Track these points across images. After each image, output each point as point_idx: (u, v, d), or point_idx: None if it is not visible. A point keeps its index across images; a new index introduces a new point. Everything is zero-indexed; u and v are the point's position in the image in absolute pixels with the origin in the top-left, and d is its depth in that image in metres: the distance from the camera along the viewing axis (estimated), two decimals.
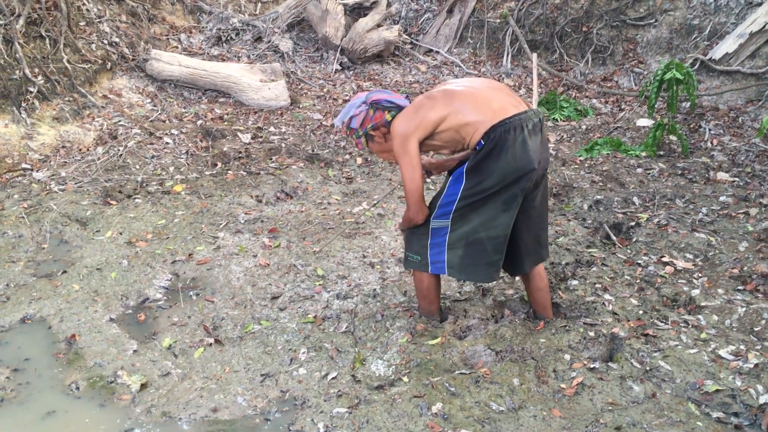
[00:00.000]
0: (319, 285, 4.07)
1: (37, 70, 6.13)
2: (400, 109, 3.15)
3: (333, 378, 3.24)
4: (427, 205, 3.22)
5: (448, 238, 3.17)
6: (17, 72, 5.92)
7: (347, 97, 7.47)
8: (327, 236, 4.65)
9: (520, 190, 3.02)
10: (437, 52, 8.71)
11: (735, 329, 3.49)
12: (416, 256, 3.31)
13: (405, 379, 3.19)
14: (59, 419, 3.02)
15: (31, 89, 5.97)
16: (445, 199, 3.15)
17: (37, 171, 5.39)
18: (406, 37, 8.80)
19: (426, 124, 3.01)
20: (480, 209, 3.08)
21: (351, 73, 8.22)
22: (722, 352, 3.29)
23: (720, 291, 3.84)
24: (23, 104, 5.87)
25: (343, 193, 5.42)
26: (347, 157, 6.10)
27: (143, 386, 3.20)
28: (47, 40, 6.33)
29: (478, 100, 3.02)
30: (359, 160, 6.02)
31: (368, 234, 4.68)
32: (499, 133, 2.93)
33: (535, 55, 5.35)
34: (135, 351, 3.47)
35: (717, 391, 3.03)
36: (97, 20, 7.06)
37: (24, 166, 5.43)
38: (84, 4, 7.02)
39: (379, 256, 4.39)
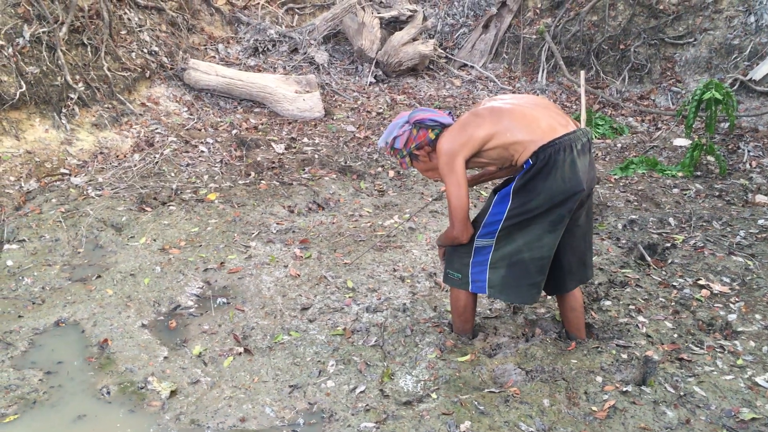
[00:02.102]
0: (349, 297, 4.06)
1: (78, 77, 6.25)
2: (443, 127, 3.13)
3: (361, 392, 3.22)
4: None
5: (491, 257, 3.14)
6: (59, 78, 6.04)
7: (381, 110, 7.50)
8: (358, 248, 4.65)
9: (568, 211, 2.99)
10: (472, 67, 8.71)
11: None
12: (457, 274, 3.28)
13: (433, 395, 3.16)
14: (90, 423, 3.05)
15: (72, 96, 6.09)
16: (490, 218, 3.12)
17: (75, 176, 5.48)
18: (441, 51, 8.81)
19: (473, 142, 2.98)
20: (525, 229, 3.05)
21: (385, 86, 8.25)
22: (759, 380, 3.21)
23: (757, 316, 3.75)
24: (64, 110, 5.99)
25: (374, 206, 5.42)
26: (379, 169, 6.11)
27: (173, 393, 3.22)
28: (89, 48, 6.46)
29: (526, 118, 2.99)
30: (391, 173, 6.03)
31: (399, 247, 4.67)
32: (549, 154, 2.90)
33: (582, 72, 5.31)
34: (165, 357, 3.50)
35: (753, 419, 2.95)
36: (138, 29, 7.19)
37: (62, 171, 5.53)
38: (125, 14, 7.15)
39: (410, 270, 4.38)
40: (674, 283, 4.14)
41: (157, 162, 5.79)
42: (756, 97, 7.02)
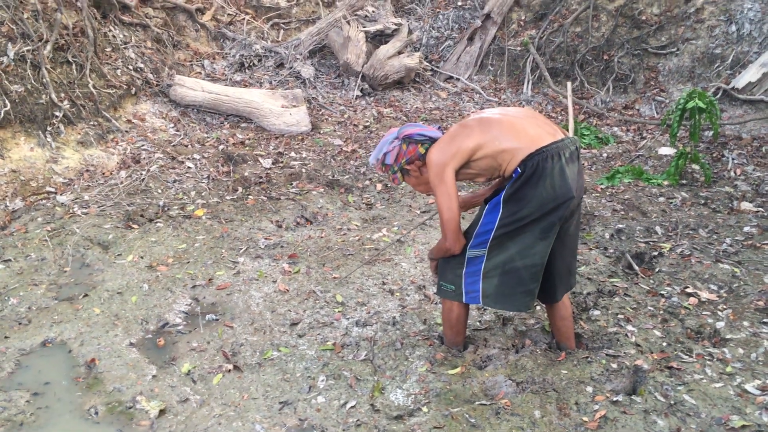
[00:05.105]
0: (339, 312, 4.05)
1: (63, 94, 6.22)
2: (432, 141, 3.14)
3: (352, 407, 3.21)
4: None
5: (484, 266, 3.14)
6: (44, 96, 6.01)
7: (368, 123, 7.51)
8: (346, 262, 4.64)
9: (558, 218, 3.00)
10: (458, 79, 8.75)
11: (761, 363, 3.42)
12: (450, 286, 3.28)
13: (424, 409, 3.15)
14: None
15: (57, 113, 6.06)
16: (482, 228, 3.12)
17: (60, 194, 5.45)
18: (427, 64, 8.85)
19: (462, 152, 3.00)
20: (517, 238, 3.06)
21: (372, 99, 8.27)
22: (748, 387, 3.22)
23: (745, 323, 3.77)
24: (49, 128, 5.95)
25: (362, 219, 5.42)
26: (367, 183, 6.11)
27: (162, 412, 3.19)
28: (74, 66, 6.44)
29: (515, 127, 3.02)
30: (379, 186, 6.03)
31: (388, 261, 4.67)
32: (537, 161, 2.92)
33: (569, 83, 5.35)
34: (154, 376, 3.47)
35: (743, 426, 2.96)
36: (123, 46, 7.18)
37: (48, 189, 5.50)
38: (110, 31, 7.14)
39: (399, 284, 4.37)
40: (662, 292, 4.16)
41: (143, 179, 5.77)
42: (739, 105, 7.09)
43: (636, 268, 4.50)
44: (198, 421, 3.14)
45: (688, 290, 4.15)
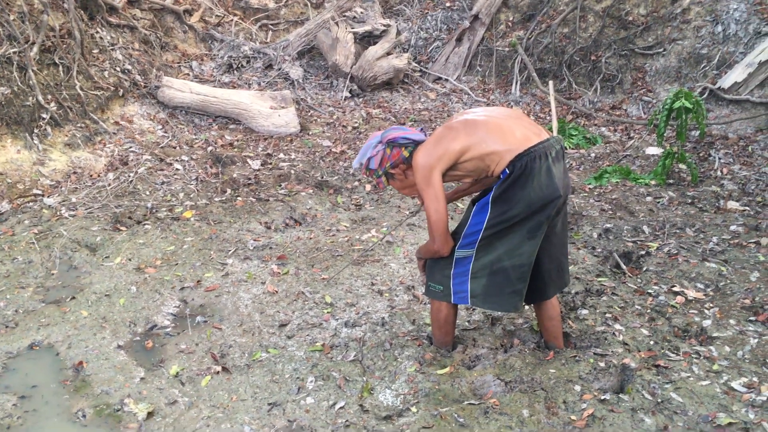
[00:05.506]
0: (328, 313, 4.05)
1: (50, 96, 6.19)
2: (416, 144, 3.15)
3: (341, 408, 3.21)
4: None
5: (472, 267, 3.16)
6: (30, 99, 5.98)
7: (356, 125, 7.52)
8: (336, 263, 4.64)
9: (546, 217, 3.02)
10: (446, 80, 8.77)
11: (747, 361, 3.44)
12: (438, 286, 3.29)
13: (413, 409, 3.16)
14: None
15: (44, 116, 6.03)
16: (470, 229, 3.14)
17: (48, 197, 5.42)
18: (416, 64, 8.86)
19: (449, 154, 3.01)
20: (504, 238, 3.07)
21: (360, 100, 8.27)
22: (735, 384, 3.25)
23: (732, 322, 3.80)
24: (36, 130, 5.92)
25: (351, 220, 5.42)
26: (356, 183, 6.11)
27: (150, 414, 3.18)
28: (60, 67, 6.41)
29: (501, 129, 3.03)
30: (368, 187, 6.04)
31: (377, 261, 4.67)
32: (525, 162, 2.94)
33: (551, 82, 5.38)
34: (142, 378, 3.46)
35: (730, 424, 2.98)
36: (110, 48, 7.15)
37: (35, 191, 5.47)
38: (97, 32, 7.11)
39: (388, 284, 4.38)
40: (649, 291, 4.18)
41: (131, 181, 5.75)
42: (725, 105, 7.14)
43: (623, 267, 4.52)
44: (186, 423, 3.13)
45: (675, 289, 4.18)
